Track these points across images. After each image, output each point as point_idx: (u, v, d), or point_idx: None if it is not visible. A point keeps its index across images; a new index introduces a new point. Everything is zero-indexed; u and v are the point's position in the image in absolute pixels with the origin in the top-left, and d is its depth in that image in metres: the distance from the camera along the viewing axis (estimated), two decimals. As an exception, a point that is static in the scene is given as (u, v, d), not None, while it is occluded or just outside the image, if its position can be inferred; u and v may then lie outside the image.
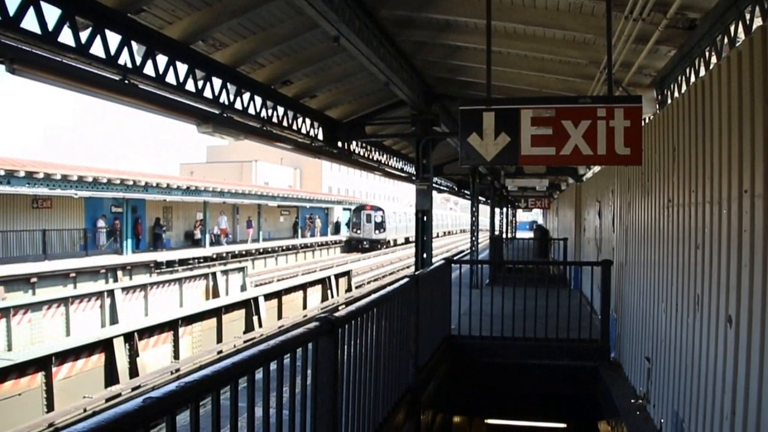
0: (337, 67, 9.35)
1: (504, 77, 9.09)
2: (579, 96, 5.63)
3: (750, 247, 3.60)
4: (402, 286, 5.48)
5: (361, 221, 49.73)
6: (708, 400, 4.39)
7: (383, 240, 49.80)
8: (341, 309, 3.78)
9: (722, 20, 4.65)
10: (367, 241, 48.96)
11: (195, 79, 7.53)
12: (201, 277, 20.75)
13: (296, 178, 65.83)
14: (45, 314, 14.18)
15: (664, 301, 5.87)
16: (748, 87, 3.69)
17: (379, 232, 49.80)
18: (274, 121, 9.78)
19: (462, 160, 4.92)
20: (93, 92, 5.92)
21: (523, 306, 8.15)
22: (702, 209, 4.61)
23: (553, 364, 8.27)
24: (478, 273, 15.78)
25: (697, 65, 5.56)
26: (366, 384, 4.26)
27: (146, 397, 1.82)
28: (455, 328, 8.78)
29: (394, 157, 17.22)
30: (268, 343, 2.74)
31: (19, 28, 4.96)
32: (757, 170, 3.53)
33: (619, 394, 7.14)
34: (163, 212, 31.90)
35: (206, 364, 13.33)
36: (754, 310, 3.53)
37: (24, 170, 19.14)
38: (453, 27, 7.91)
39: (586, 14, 6.26)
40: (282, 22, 7.47)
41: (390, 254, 45.27)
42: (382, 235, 49.88)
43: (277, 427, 2.86)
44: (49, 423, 9.94)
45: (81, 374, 11.59)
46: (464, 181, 24.16)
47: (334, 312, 3.71)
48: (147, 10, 6.38)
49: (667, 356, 5.70)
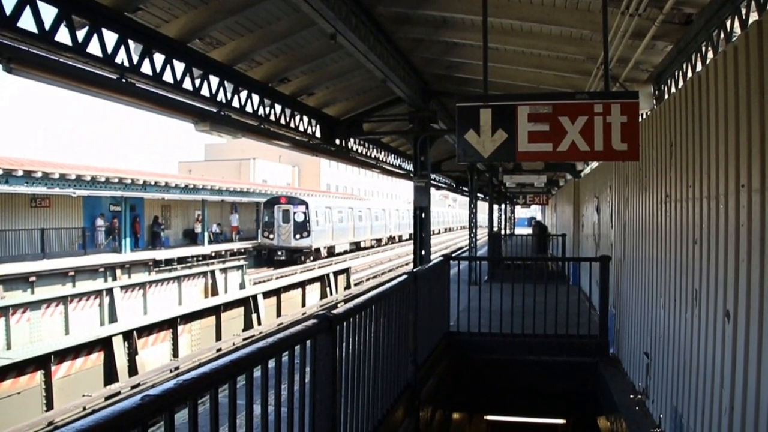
0: (334, 64, 9.34)
1: (501, 74, 9.10)
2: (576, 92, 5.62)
3: (747, 242, 3.61)
4: (400, 283, 5.48)
5: (275, 221, 34.25)
6: (706, 395, 4.40)
7: (306, 249, 33.88)
8: (340, 306, 3.78)
9: (718, 15, 4.66)
10: (284, 250, 33.54)
11: (192, 78, 7.53)
12: (200, 275, 20.74)
13: (294, 176, 65.81)
14: (44, 313, 14.17)
15: (662, 296, 5.88)
16: (744, 82, 3.69)
17: (302, 237, 34.08)
18: (272, 119, 9.77)
19: (459, 156, 4.92)
20: (90, 91, 5.91)
21: (521, 302, 8.16)
22: (699, 204, 4.62)
23: (552, 360, 8.28)
24: (477, 269, 15.79)
25: (693, 60, 5.56)
26: (365, 381, 4.26)
27: (144, 394, 1.82)
28: (454, 325, 8.78)
29: (392, 155, 17.22)
30: (266, 340, 2.74)
31: (15, 27, 4.94)
32: (753, 165, 3.53)
33: (618, 390, 7.15)
34: (162, 210, 31.88)
35: (205, 361, 13.33)
36: (752, 304, 3.53)
37: (22, 169, 19.12)
38: (450, 24, 7.90)
39: (582, 10, 6.26)
40: (279, 19, 7.47)
41: (389, 251, 44.56)
42: (305, 241, 34.11)
43: (275, 424, 2.86)
44: (49, 421, 9.94)
45: (80, 373, 11.59)
46: (462, 177, 24.17)
47: (333, 309, 3.71)
48: (144, 9, 6.37)
49: (665, 351, 5.72)
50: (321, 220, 35.93)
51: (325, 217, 36.64)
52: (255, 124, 9.24)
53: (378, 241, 47.77)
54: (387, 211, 51.06)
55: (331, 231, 37.51)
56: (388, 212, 51.20)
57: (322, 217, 36.16)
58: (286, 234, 33.87)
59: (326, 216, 36.88)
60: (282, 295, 20.32)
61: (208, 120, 7.69)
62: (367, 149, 14.85)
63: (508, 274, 13.68)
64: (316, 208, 35.52)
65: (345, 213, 40.45)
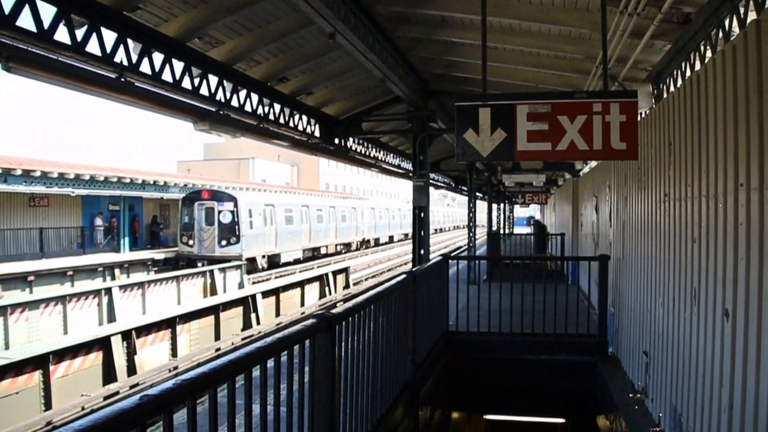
0: (333, 64, 9.33)
1: (500, 73, 9.10)
2: (575, 91, 5.62)
3: (746, 241, 3.61)
4: (399, 283, 5.48)
5: (196, 223, 26.37)
6: (706, 394, 4.41)
7: (235, 258, 25.05)
8: (339, 306, 3.77)
9: (717, 14, 4.66)
10: (205, 260, 25.22)
11: (191, 77, 7.52)
12: (199, 274, 20.73)
13: (293, 175, 65.80)
14: (42, 312, 14.15)
15: (661, 295, 5.89)
16: (743, 80, 3.69)
17: (229, 244, 26.11)
18: (271, 119, 9.76)
19: (458, 156, 4.92)
20: (89, 90, 5.91)
21: (520, 301, 8.17)
22: (698, 203, 4.62)
23: (551, 359, 8.28)
24: (476, 269, 15.79)
25: (692, 59, 5.56)
26: (364, 381, 4.26)
27: (143, 394, 1.82)
28: (453, 324, 8.79)
29: (391, 154, 17.21)
30: (265, 340, 2.74)
31: (14, 26, 4.94)
32: (752, 164, 3.54)
33: (618, 389, 7.16)
34: (161, 210, 31.87)
35: (204, 361, 13.32)
36: (751, 303, 3.54)
37: (21, 168, 19.11)
38: (449, 23, 7.90)
39: (581, 9, 6.26)
40: (278, 19, 7.46)
41: (387, 251, 44.05)
42: (233, 249, 26.03)
43: (274, 424, 2.86)
44: (47, 421, 9.94)
45: (79, 372, 11.59)
46: (461, 177, 24.17)
47: (332, 309, 3.71)
48: (143, 8, 6.36)
49: (664, 350, 5.72)
50: (257, 221, 27.71)
51: (265, 218, 28.49)
52: (254, 123, 9.23)
53: (347, 246, 40.34)
54: (359, 210, 43.19)
55: (273, 235, 29.15)
56: (360, 211, 43.27)
57: (259, 218, 27.92)
58: (209, 239, 26.21)
59: (266, 216, 28.69)
60: (281, 294, 20.34)
61: (207, 119, 7.69)
62: (366, 148, 14.84)
63: (507, 273, 13.70)
64: (250, 206, 27.37)
65: (297, 212, 32.37)
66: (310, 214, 33.94)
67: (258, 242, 27.75)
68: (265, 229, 28.51)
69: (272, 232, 29.25)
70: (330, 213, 37.40)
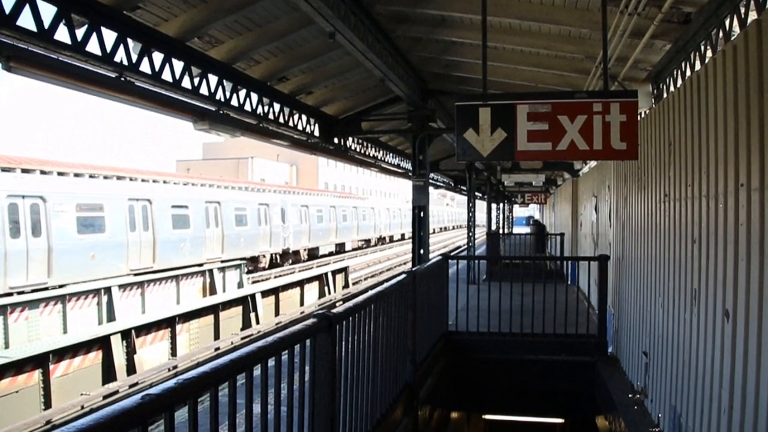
0: (332, 63, 9.33)
1: (500, 73, 9.09)
2: (575, 91, 5.63)
3: (746, 241, 3.61)
4: (399, 283, 5.48)
5: None
6: (705, 395, 4.41)
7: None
8: (338, 305, 3.78)
9: (717, 14, 4.65)
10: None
11: (191, 76, 7.51)
12: (198, 274, 20.71)
13: (292, 175, 65.77)
14: (42, 312, 14.12)
15: (661, 295, 5.89)
16: (743, 80, 3.69)
17: None
18: (270, 118, 9.75)
19: (458, 156, 4.92)
20: (89, 90, 5.90)
21: (520, 301, 8.18)
22: (698, 203, 4.62)
23: (550, 360, 8.29)
24: (476, 269, 15.79)
25: (692, 59, 5.56)
26: (364, 380, 4.26)
27: (145, 394, 1.82)
28: (453, 324, 8.79)
29: (391, 153, 17.20)
30: (266, 339, 2.74)
31: (15, 25, 4.93)
32: (753, 164, 3.54)
33: (617, 389, 7.16)
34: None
35: (204, 361, 13.32)
36: (751, 304, 3.54)
37: (20, 167, 19.07)
38: (448, 23, 7.90)
39: (581, 9, 6.26)
40: (277, 18, 7.46)
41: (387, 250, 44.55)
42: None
43: (275, 423, 2.86)
44: (47, 420, 9.93)
45: (78, 371, 11.58)
46: (461, 176, 24.17)
47: (332, 308, 3.71)
48: (143, 8, 6.36)
49: (664, 351, 5.72)
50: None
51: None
52: (253, 122, 9.23)
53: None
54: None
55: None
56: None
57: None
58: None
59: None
60: (280, 294, 20.31)
61: (206, 118, 7.69)
62: (366, 148, 14.84)
63: (506, 273, 13.70)
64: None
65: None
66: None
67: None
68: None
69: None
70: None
